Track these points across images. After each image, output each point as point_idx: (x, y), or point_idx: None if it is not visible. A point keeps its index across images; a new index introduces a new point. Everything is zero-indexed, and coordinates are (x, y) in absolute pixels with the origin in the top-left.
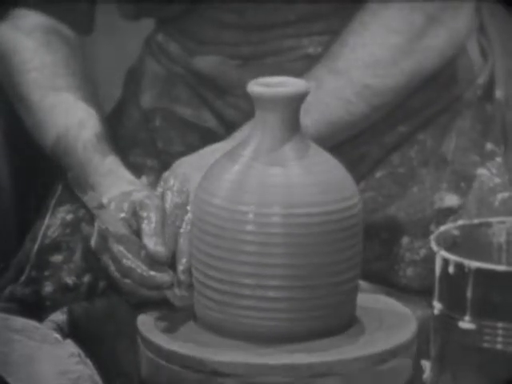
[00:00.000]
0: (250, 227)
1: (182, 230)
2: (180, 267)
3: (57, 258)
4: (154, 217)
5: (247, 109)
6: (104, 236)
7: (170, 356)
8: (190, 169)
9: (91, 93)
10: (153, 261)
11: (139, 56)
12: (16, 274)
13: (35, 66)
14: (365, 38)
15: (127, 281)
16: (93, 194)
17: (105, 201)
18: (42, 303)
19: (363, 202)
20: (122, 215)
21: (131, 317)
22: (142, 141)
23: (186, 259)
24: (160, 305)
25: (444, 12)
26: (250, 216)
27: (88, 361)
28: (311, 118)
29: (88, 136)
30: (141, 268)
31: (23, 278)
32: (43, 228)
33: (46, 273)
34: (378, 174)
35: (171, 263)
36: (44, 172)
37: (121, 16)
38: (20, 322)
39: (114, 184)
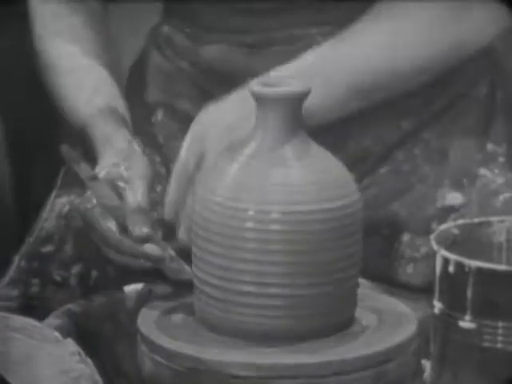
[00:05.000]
0: (250, 225)
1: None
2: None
3: (48, 248)
4: (140, 187)
5: None
6: (88, 217)
7: (170, 355)
8: (207, 128)
9: (109, 61)
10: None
11: (143, 49)
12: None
13: (53, 30)
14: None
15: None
16: (85, 165)
17: (97, 171)
18: (39, 299)
19: (366, 198)
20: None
21: (131, 315)
22: (143, 132)
23: (187, 224)
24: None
25: None
26: (250, 214)
27: (88, 360)
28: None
29: (98, 104)
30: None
31: (14, 271)
32: (41, 221)
33: (35, 264)
34: (382, 171)
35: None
36: (45, 169)
37: None
38: (20, 320)
39: (107, 153)
